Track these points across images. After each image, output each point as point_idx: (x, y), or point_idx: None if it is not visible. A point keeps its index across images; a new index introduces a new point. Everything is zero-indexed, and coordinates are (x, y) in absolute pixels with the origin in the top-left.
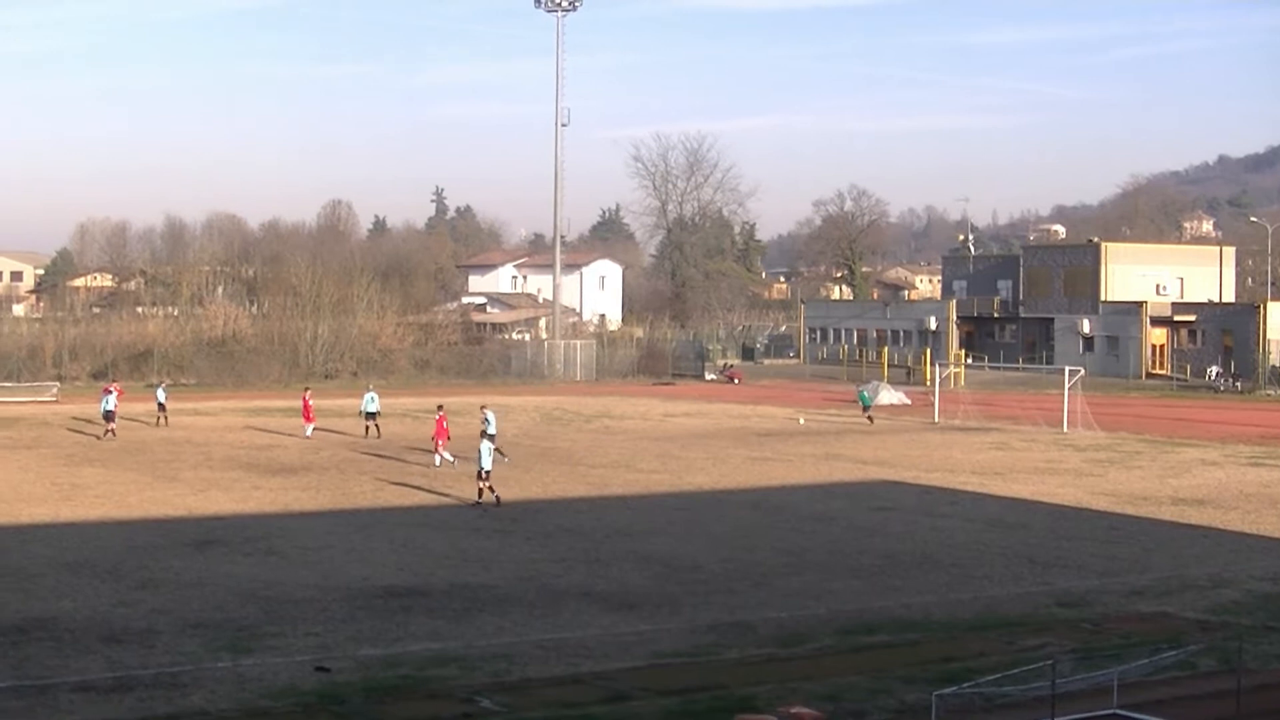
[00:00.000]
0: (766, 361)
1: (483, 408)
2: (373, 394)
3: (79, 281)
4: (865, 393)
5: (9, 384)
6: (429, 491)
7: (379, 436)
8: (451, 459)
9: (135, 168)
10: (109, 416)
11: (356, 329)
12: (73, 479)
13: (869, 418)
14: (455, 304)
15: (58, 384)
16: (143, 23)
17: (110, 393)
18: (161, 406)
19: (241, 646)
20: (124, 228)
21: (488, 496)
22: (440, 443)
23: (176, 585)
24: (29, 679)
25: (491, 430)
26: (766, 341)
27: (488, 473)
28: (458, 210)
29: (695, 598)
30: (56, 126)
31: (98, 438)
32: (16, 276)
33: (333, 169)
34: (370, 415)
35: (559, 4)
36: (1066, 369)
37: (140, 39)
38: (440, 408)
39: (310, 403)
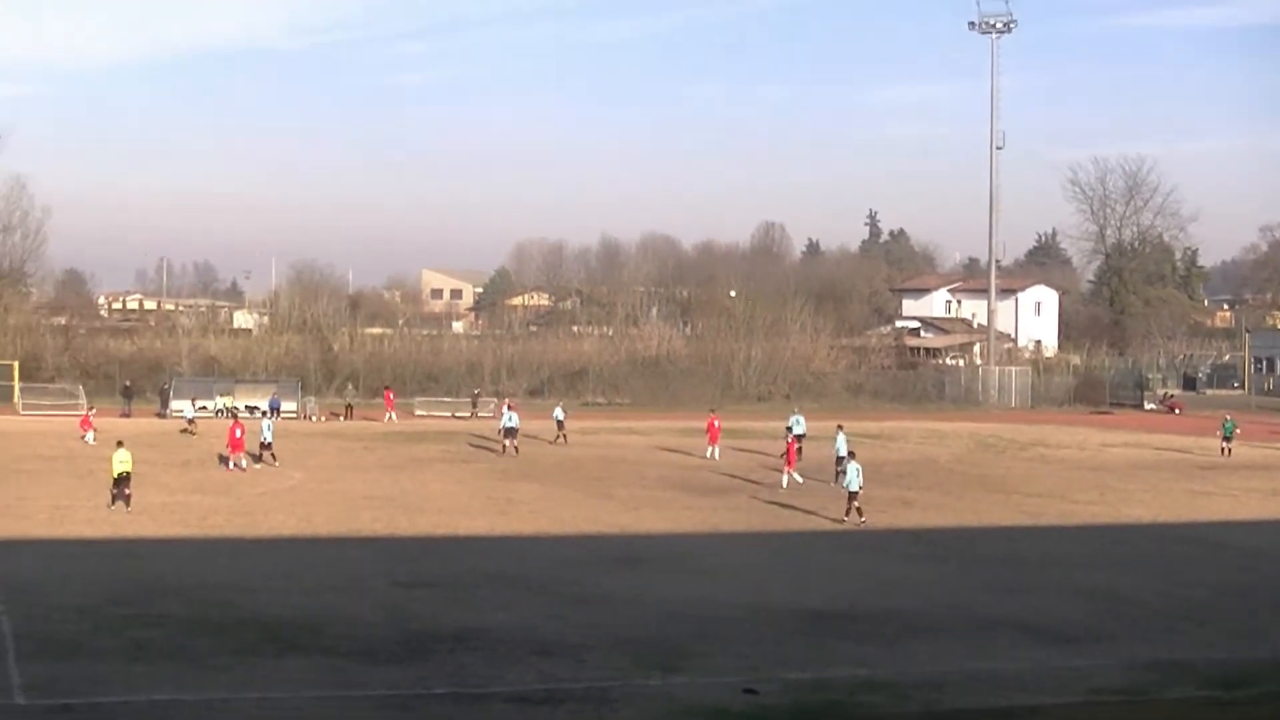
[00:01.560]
0: (1209, 392)
1: (839, 427)
2: (798, 416)
3: (516, 300)
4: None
5: (448, 399)
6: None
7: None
8: (799, 479)
9: (572, 189)
10: (510, 434)
11: (789, 351)
12: (508, 493)
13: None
14: (888, 328)
15: (494, 401)
16: (573, 45)
17: (511, 410)
18: (560, 424)
19: (671, 665)
20: (560, 248)
21: (854, 517)
22: (788, 464)
23: (608, 601)
24: (465, 687)
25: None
26: (1209, 371)
27: (854, 493)
28: (891, 233)
29: (1133, 633)
30: (495, 149)
31: (497, 453)
32: (456, 294)
33: (767, 191)
34: (798, 437)
35: (993, 25)
36: None
37: (574, 63)
38: (789, 429)
39: (717, 425)
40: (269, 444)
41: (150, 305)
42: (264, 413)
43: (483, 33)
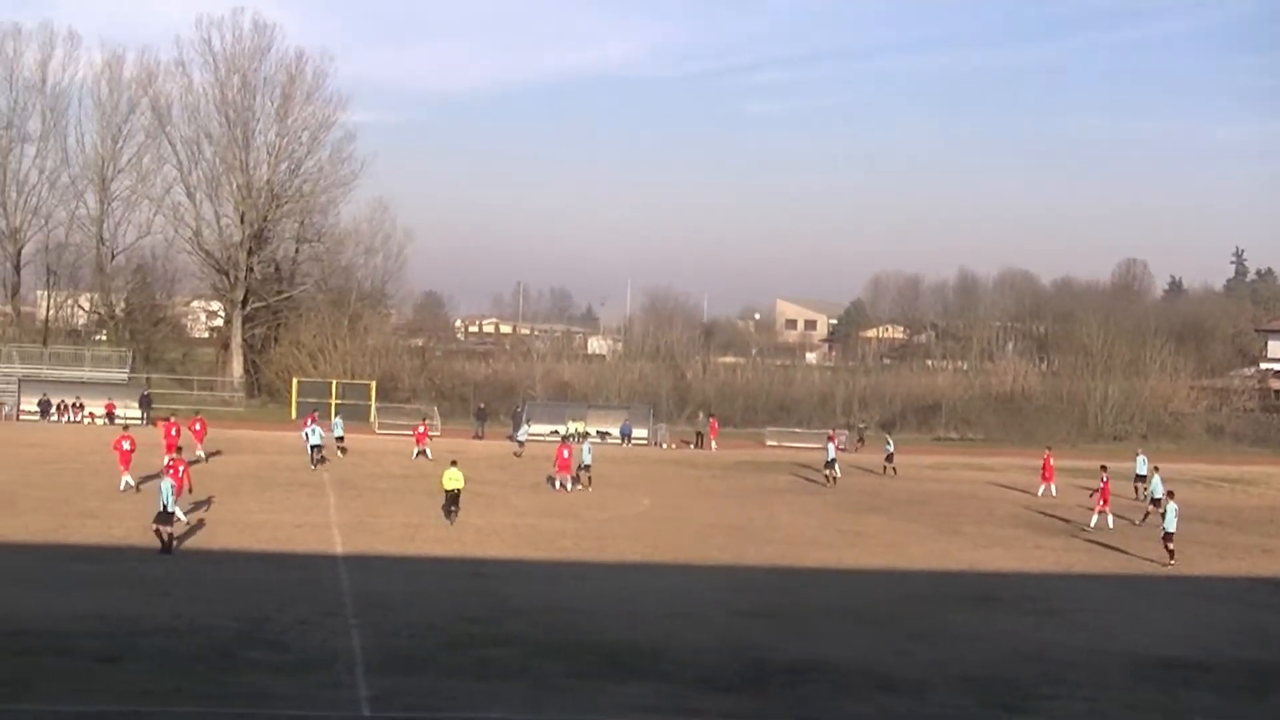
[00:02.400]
0: None
1: (1154, 468)
2: (1142, 457)
3: (870, 332)
4: None
5: (799, 430)
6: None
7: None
8: (1110, 522)
9: (930, 222)
10: (830, 465)
11: (1148, 391)
12: (856, 526)
13: None
14: (1252, 369)
15: (846, 432)
16: (932, 75)
17: (831, 440)
18: (890, 457)
19: (1015, 705)
20: (916, 281)
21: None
22: (1101, 504)
23: (952, 639)
24: (804, 718)
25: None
26: None
27: (1169, 534)
28: (1258, 272)
29: None
30: (850, 180)
31: (821, 484)
32: (811, 325)
33: (1128, 227)
34: (1139, 477)
35: None
36: None
37: (933, 94)
38: (1104, 468)
39: (1052, 464)
40: (588, 466)
41: (506, 329)
42: (585, 435)
43: (843, 64)
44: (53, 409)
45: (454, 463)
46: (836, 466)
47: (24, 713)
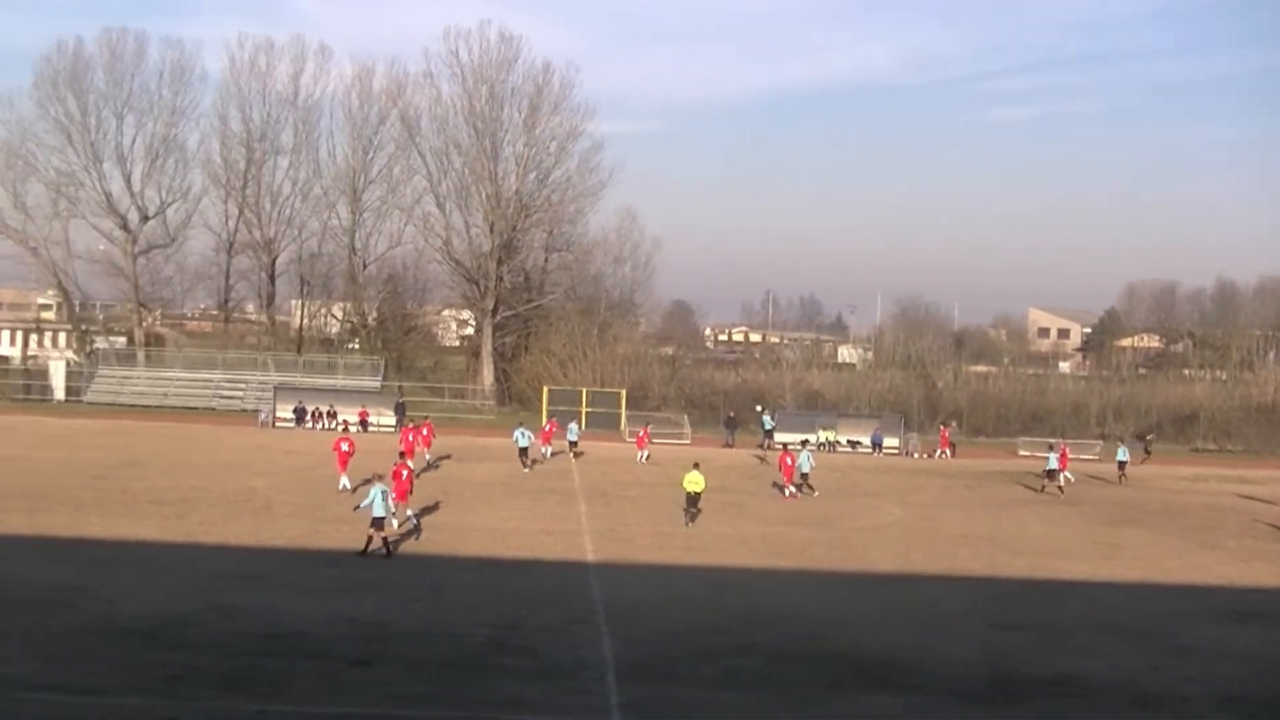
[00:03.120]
0: None
1: None
2: None
3: (1125, 341)
4: None
5: (1052, 440)
6: None
7: None
8: None
9: (1186, 229)
10: (1050, 474)
11: None
12: (1112, 538)
13: None
14: None
15: (1101, 443)
16: (1177, 82)
17: (1051, 450)
18: (1122, 465)
19: None
20: (1173, 289)
21: None
22: None
23: (1211, 655)
24: None
25: None
26: None
27: None
28: None
29: None
30: (1102, 188)
31: (1050, 490)
32: (1064, 334)
33: None
34: None
35: None
36: None
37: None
38: None
39: None
40: (805, 475)
41: (755, 338)
42: (804, 444)
43: (1095, 69)
44: (307, 416)
45: (696, 465)
46: (1061, 476)
47: (280, 713)
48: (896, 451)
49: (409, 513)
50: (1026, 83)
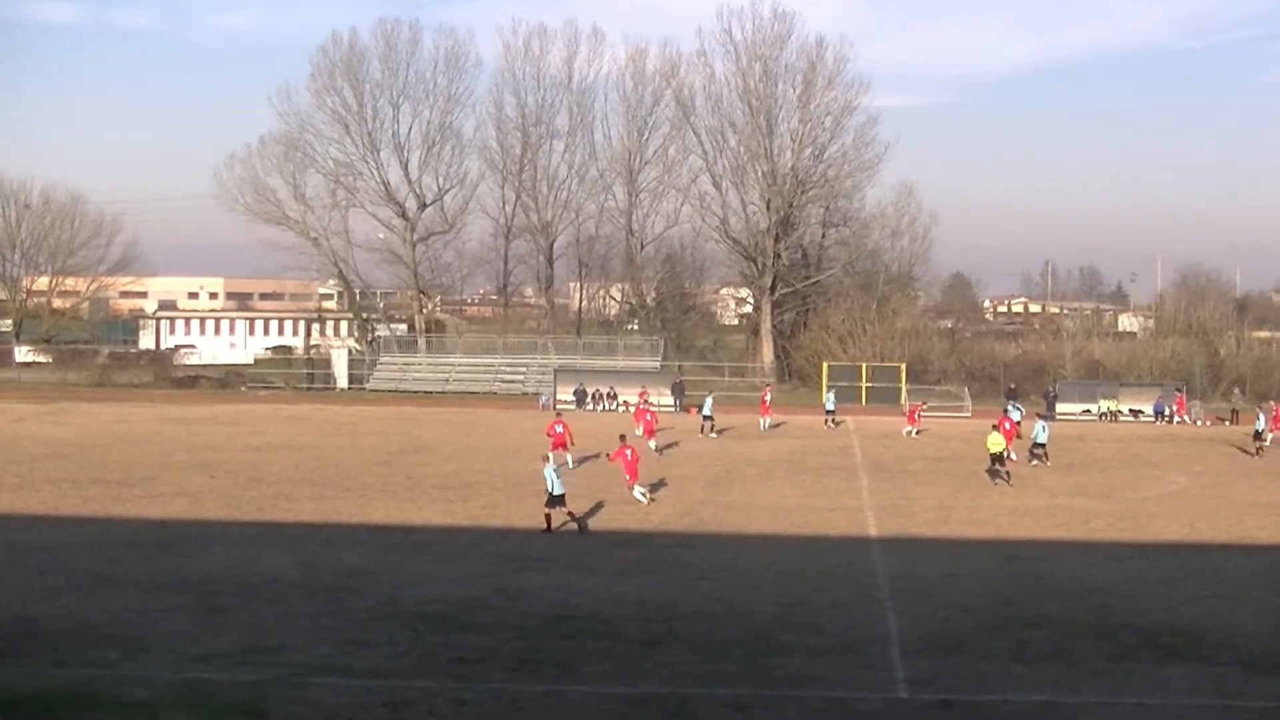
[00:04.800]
0: None
1: None
2: None
3: None
4: None
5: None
6: None
7: None
8: None
9: None
10: (1258, 435)
11: None
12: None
13: None
14: None
15: None
16: None
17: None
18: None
19: None
20: None
21: None
22: None
23: None
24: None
25: None
26: None
27: None
28: None
29: None
30: None
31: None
32: None
33: None
34: None
35: None
36: None
37: None
38: None
39: None
40: (1043, 444)
41: (1034, 309)
42: (1040, 416)
43: None
44: (588, 398)
45: (995, 427)
46: (1267, 437)
47: (572, 693)
48: (1176, 420)
49: (638, 491)
50: None
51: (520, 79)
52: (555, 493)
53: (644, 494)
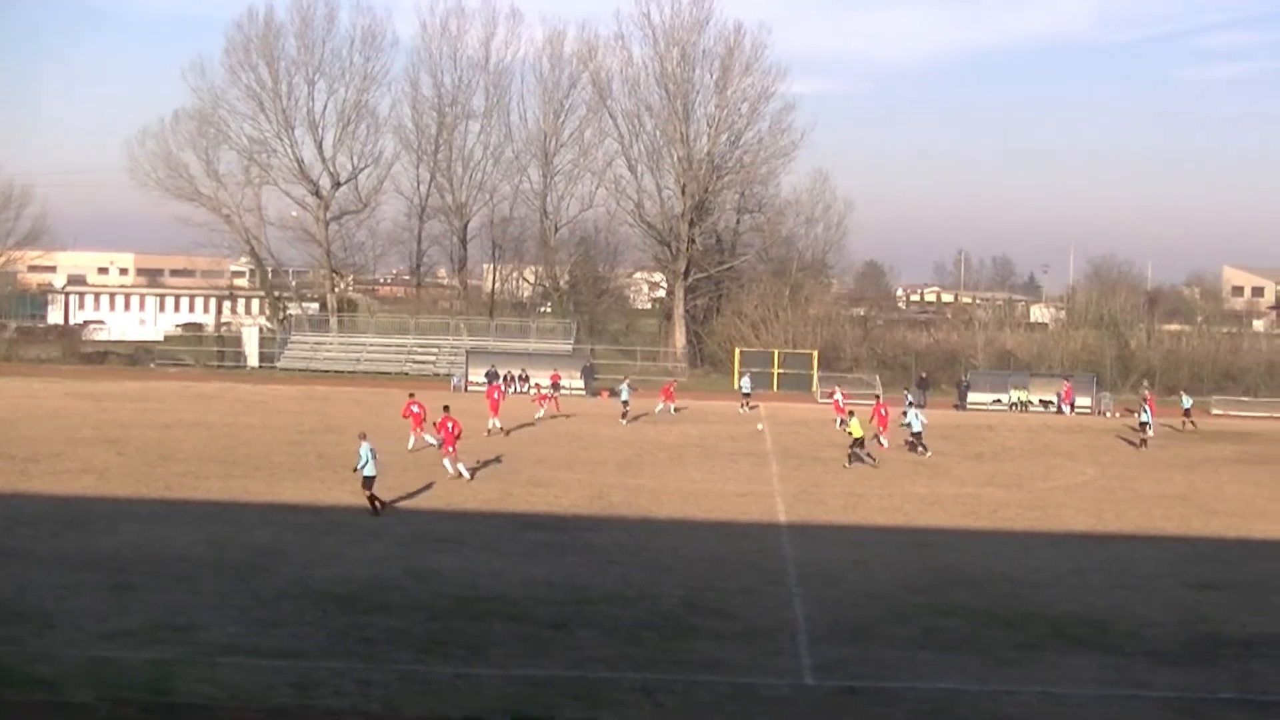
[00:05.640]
0: None
1: None
2: None
3: None
4: None
5: (1245, 399)
6: None
7: None
8: None
9: None
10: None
11: None
12: None
13: None
14: None
15: None
16: None
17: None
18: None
19: None
20: None
21: None
22: None
23: None
24: (1253, 694)
25: None
26: None
27: None
28: None
29: None
30: None
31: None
32: (1258, 292)
33: None
34: None
35: None
36: None
37: None
38: None
39: None
40: (919, 433)
41: (948, 298)
42: (913, 404)
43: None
44: (500, 380)
45: (852, 413)
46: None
47: (480, 675)
48: (1089, 411)
49: (447, 461)
50: (1221, 40)
51: (437, 59)
52: (367, 474)
53: (454, 466)
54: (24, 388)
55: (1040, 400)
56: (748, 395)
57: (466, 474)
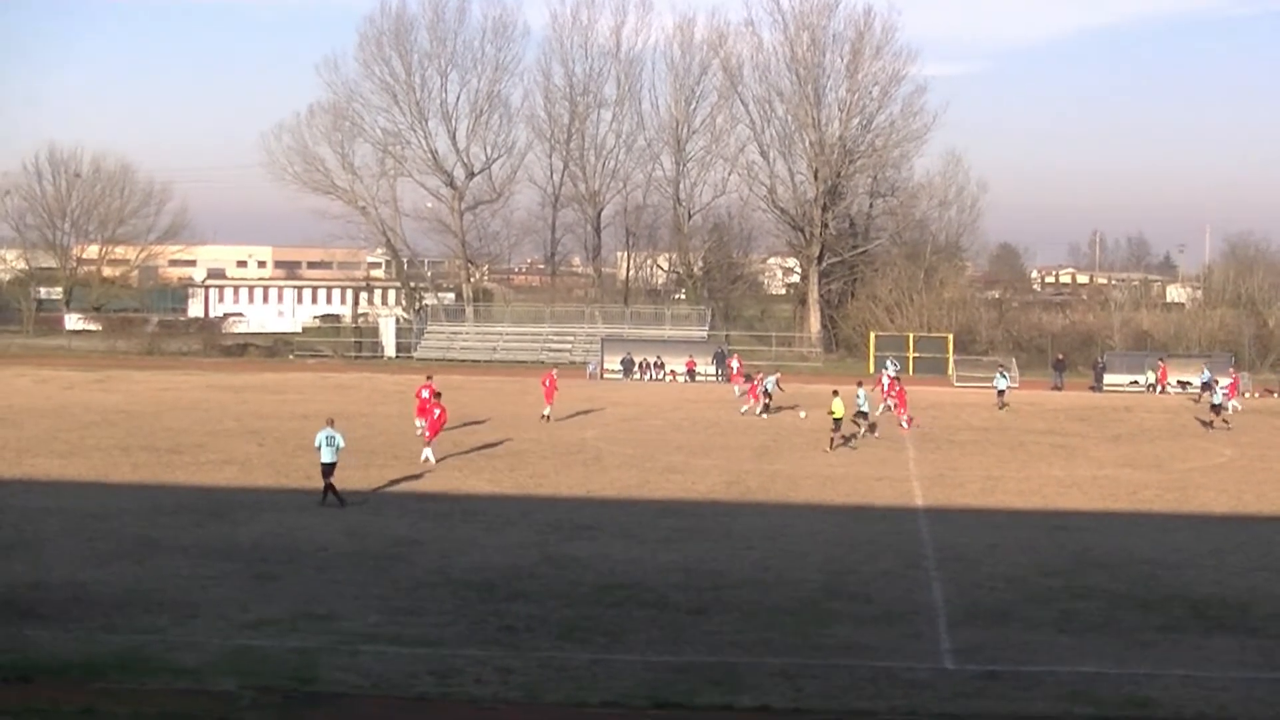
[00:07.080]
0: None
1: None
2: None
3: None
4: None
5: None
6: None
7: None
8: None
9: None
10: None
11: None
12: None
13: None
14: None
15: None
16: None
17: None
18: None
19: None
20: None
21: None
22: None
23: None
24: None
25: None
26: None
27: None
28: None
29: None
30: None
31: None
32: None
33: None
34: None
35: None
36: None
37: None
38: None
39: None
40: (865, 413)
41: (1082, 279)
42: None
43: None
44: (635, 367)
45: (836, 393)
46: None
47: (619, 662)
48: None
49: (428, 452)
50: None
51: (568, 48)
52: (325, 460)
53: (430, 456)
54: (166, 380)
55: (1178, 381)
56: (1001, 393)
57: (433, 460)
